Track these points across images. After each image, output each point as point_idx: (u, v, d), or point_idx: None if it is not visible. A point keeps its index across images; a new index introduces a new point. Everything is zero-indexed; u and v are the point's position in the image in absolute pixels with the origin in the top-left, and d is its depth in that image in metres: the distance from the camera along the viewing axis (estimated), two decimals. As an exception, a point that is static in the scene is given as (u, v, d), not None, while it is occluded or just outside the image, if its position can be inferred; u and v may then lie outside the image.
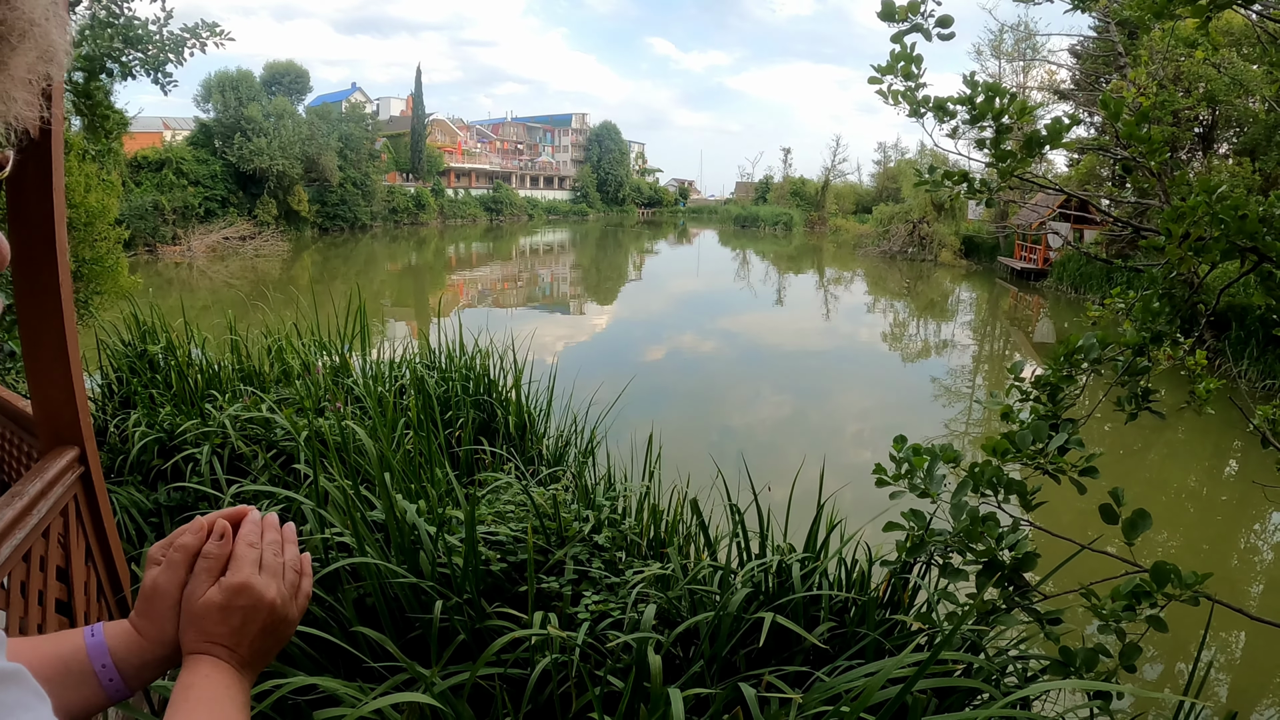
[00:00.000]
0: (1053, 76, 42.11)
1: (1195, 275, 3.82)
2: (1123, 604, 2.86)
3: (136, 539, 4.89)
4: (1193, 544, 9.97)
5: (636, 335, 24.22)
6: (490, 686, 3.07)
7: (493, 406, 6.94)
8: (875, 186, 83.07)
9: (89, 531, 3.51)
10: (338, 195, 60.36)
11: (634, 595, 3.49)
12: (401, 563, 3.53)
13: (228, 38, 13.00)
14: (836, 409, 16.40)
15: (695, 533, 4.66)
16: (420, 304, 29.97)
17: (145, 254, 42.41)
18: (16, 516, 2.75)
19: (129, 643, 1.02)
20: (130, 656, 1.01)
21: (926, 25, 3.31)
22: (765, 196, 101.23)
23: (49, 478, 3.08)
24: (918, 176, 3.90)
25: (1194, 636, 3.29)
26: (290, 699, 2.75)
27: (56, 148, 3.06)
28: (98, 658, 0.99)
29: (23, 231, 3.05)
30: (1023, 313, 31.83)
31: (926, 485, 3.36)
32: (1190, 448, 14.10)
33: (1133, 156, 3.75)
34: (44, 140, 3.00)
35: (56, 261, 3.11)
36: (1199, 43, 4.07)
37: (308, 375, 7.01)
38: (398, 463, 4.71)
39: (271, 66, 62.72)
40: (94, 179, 13.05)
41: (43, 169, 3.02)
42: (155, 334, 7.61)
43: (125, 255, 13.92)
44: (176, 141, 52.73)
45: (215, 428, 5.52)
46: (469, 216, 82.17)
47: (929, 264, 47.02)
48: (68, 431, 3.38)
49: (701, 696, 3.03)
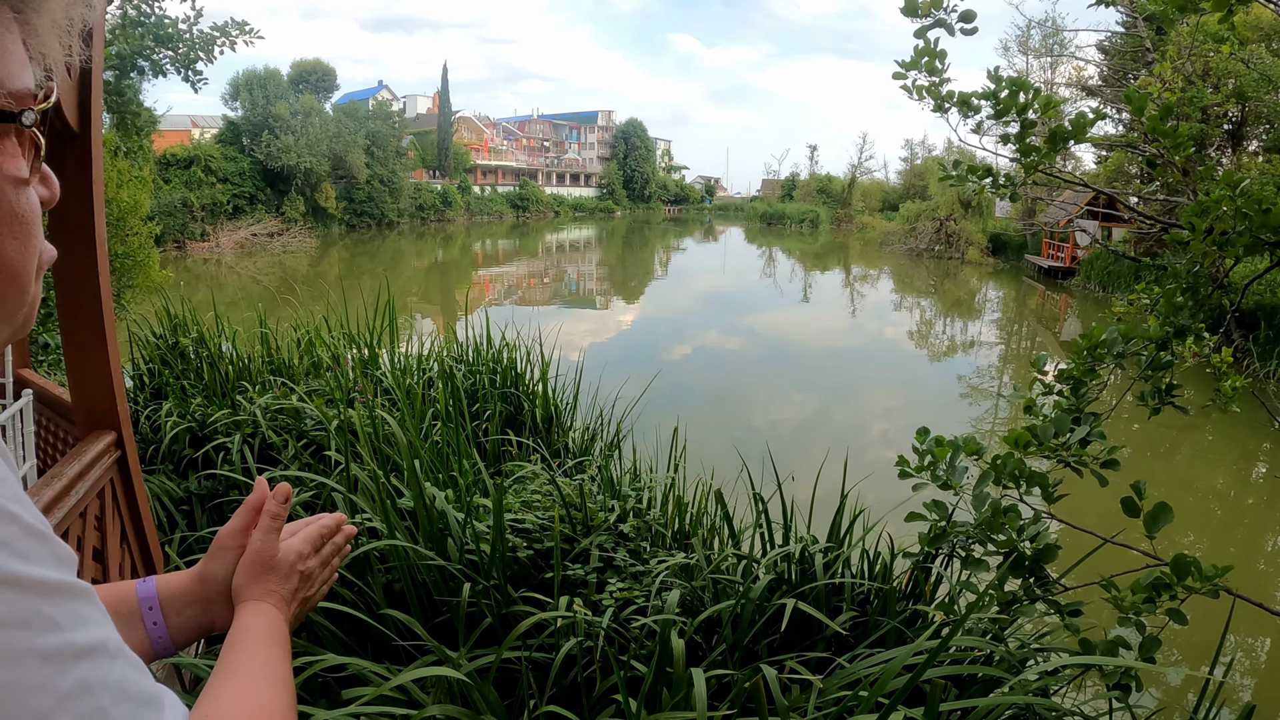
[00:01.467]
0: (1080, 73, 41.78)
1: (1220, 270, 3.82)
2: (1143, 596, 2.88)
3: (168, 525, 4.98)
4: (1219, 546, 9.90)
5: (662, 332, 24.25)
6: (516, 669, 3.12)
7: (519, 399, 7.00)
8: (902, 184, 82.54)
9: (124, 514, 3.58)
10: (365, 192, 60.74)
11: (658, 583, 3.53)
12: (430, 548, 3.58)
13: (257, 36, 13.12)
14: (861, 408, 16.37)
15: (719, 524, 4.69)
16: (447, 300, 30.13)
17: (174, 250, 42.80)
18: (55, 497, 2.81)
19: (176, 590, 1.11)
20: (175, 602, 1.10)
21: (949, 20, 3.34)
22: (791, 194, 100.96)
23: (87, 460, 3.15)
24: (943, 173, 3.91)
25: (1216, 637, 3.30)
26: (320, 677, 2.81)
27: (96, 141, 3.13)
28: (146, 600, 1.07)
29: (62, 223, 3.12)
30: (1050, 311, 31.62)
31: (948, 476, 3.38)
32: (1218, 449, 13.98)
33: (1158, 152, 3.76)
34: (83, 129, 3.07)
35: (95, 252, 3.18)
36: (1225, 38, 4.06)
37: (337, 367, 7.09)
38: (426, 452, 4.77)
39: (299, 65, 63.13)
40: (126, 175, 13.19)
41: (81, 162, 3.09)
42: (186, 327, 7.71)
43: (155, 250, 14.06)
44: (205, 139, 53.24)
45: (246, 418, 5.60)
46: (495, 213, 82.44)
47: (956, 262, 46.75)
48: (105, 417, 3.46)
49: (723, 681, 3.07)
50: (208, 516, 5.15)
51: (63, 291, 3.25)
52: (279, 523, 1.18)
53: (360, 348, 7.94)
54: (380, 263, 42.82)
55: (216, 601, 1.13)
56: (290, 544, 1.18)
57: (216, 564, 1.14)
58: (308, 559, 1.19)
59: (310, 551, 1.20)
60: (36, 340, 8.08)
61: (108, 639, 0.62)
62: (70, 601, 0.60)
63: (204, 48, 12.78)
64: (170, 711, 0.65)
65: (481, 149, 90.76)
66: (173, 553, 4.33)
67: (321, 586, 1.24)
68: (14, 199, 0.68)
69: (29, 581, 0.57)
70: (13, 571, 0.56)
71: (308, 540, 1.20)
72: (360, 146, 58.92)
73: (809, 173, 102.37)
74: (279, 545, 1.16)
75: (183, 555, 4.61)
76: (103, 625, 0.63)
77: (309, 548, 1.20)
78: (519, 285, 37.48)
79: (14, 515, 0.59)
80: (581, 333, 21.65)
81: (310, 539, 1.21)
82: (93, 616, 0.62)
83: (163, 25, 12.49)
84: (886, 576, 3.89)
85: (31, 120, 0.69)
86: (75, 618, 0.60)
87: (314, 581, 1.21)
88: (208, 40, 12.79)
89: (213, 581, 1.13)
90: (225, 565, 1.14)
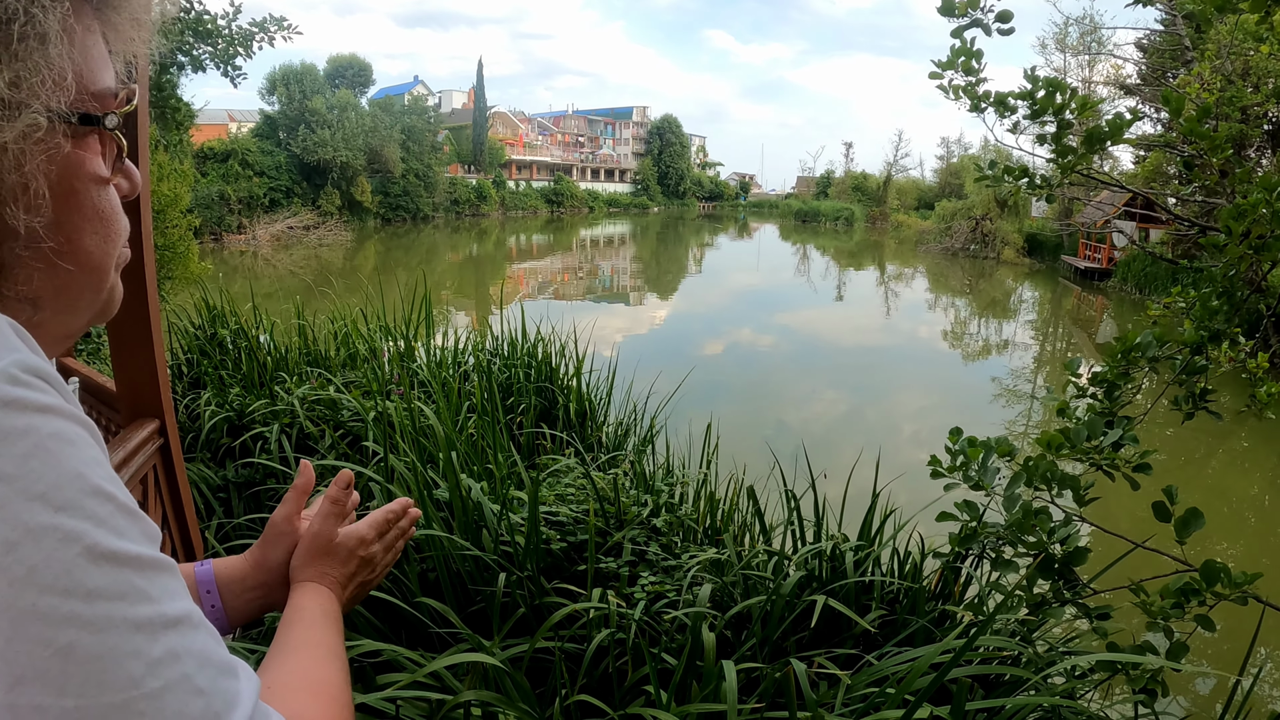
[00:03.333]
0: (1118, 71, 41.31)
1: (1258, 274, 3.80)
2: (1171, 602, 2.88)
3: (205, 513, 5.06)
4: (1251, 552, 9.79)
5: (695, 329, 24.25)
6: (548, 659, 3.16)
7: (554, 393, 7.05)
8: (938, 182, 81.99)
9: (166, 500, 3.65)
10: (400, 186, 61.09)
11: (689, 578, 3.57)
12: (465, 539, 3.63)
13: (295, 31, 13.23)
14: (894, 407, 16.31)
15: (750, 520, 4.72)
16: (481, 293, 30.24)
17: (211, 242, 43.24)
18: (102, 484, 2.88)
19: (234, 575, 1.17)
20: (234, 586, 1.16)
21: (986, 20, 3.34)
22: (826, 191, 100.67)
23: (131, 447, 3.22)
24: (979, 172, 3.91)
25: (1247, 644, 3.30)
26: (357, 661, 2.86)
27: (143, 131, 3.19)
28: (204, 583, 1.13)
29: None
30: (1086, 313, 31.33)
31: (980, 477, 3.39)
32: (1254, 456, 13.82)
33: (1196, 154, 3.74)
34: (129, 123, 3.14)
35: (141, 240, 3.24)
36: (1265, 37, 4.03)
37: (374, 360, 7.16)
38: (462, 444, 4.83)
39: (335, 60, 63.63)
40: (166, 168, 13.37)
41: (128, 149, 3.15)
42: (225, 318, 7.81)
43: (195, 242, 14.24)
44: (241, 133, 53.68)
45: (284, 408, 5.68)
46: (530, 208, 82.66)
47: (991, 262, 46.40)
48: (148, 405, 3.53)
49: (752, 676, 3.10)
50: (245, 505, 5.23)
51: (110, 282, 3.32)
52: (339, 507, 1.21)
53: (396, 340, 8.02)
54: (415, 256, 43.05)
55: (276, 586, 1.17)
56: (353, 529, 1.21)
57: (272, 549, 1.19)
58: (371, 544, 1.22)
59: (374, 536, 1.23)
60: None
61: (191, 611, 0.66)
62: (159, 575, 0.64)
63: (243, 43, 12.93)
64: (245, 679, 0.69)
65: (516, 144, 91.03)
66: (211, 538, 4.41)
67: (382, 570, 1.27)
68: (96, 197, 0.73)
69: (125, 556, 0.61)
70: (111, 547, 0.61)
71: (372, 525, 1.24)
72: (395, 141, 59.27)
73: (844, 170, 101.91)
74: (338, 530, 1.20)
75: (221, 542, 4.69)
76: (186, 598, 0.67)
77: (373, 533, 1.23)
78: (553, 280, 37.58)
79: (110, 494, 0.63)
80: (615, 328, 21.70)
81: (375, 524, 1.24)
82: (179, 590, 0.66)
83: (202, 21, 12.65)
84: (916, 576, 3.91)
85: (115, 124, 0.73)
86: (165, 590, 0.64)
87: (375, 566, 1.24)
88: (246, 36, 12.93)
89: (270, 567, 1.18)
90: (280, 550, 1.18)
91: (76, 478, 0.61)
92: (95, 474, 0.63)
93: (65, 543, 0.58)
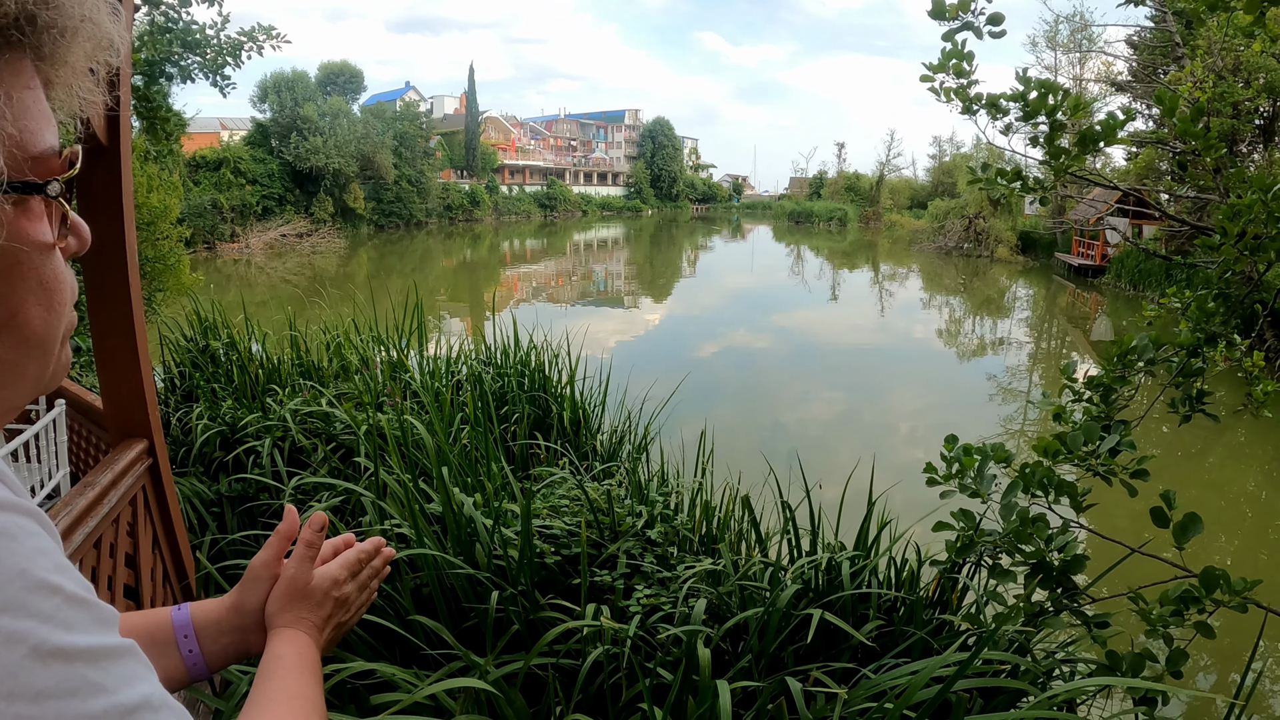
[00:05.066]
0: (1109, 68, 41.38)
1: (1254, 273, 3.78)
2: (1170, 609, 2.86)
3: (198, 528, 5.03)
4: (1250, 550, 9.78)
5: (690, 331, 24.25)
6: (543, 675, 3.13)
7: (547, 402, 7.02)
8: (930, 181, 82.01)
9: (156, 520, 3.62)
10: (393, 193, 61.02)
11: (685, 590, 3.54)
12: (458, 554, 3.60)
13: (284, 40, 13.19)
14: (890, 407, 16.30)
15: (747, 530, 4.69)
16: (475, 300, 30.25)
17: (204, 251, 43.21)
18: (89, 505, 2.85)
19: (211, 618, 1.14)
20: (210, 630, 1.13)
21: (977, 23, 3.32)
22: (819, 192, 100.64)
23: (119, 469, 3.19)
24: (971, 173, 3.88)
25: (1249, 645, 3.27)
26: (349, 683, 2.83)
27: (125, 150, 3.17)
28: (182, 628, 1.10)
29: (93, 234, 3.15)
30: (1080, 310, 31.36)
31: (977, 485, 3.36)
32: (1250, 451, 13.82)
33: (1189, 152, 3.72)
34: (112, 143, 3.11)
35: (126, 261, 3.22)
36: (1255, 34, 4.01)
37: (366, 370, 7.14)
38: (455, 457, 4.80)
39: (326, 67, 63.58)
40: (156, 180, 13.33)
41: (111, 171, 3.13)
42: (217, 330, 7.78)
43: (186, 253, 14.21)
44: (234, 141, 53.68)
45: (276, 421, 5.65)
46: (523, 213, 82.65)
47: (985, 260, 46.47)
48: (136, 425, 3.50)
49: (749, 690, 3.07)
50: (238, 519, 5.20)
51: (94, 303, 3.29)
52: (313, 550, 1.19)
53: (389, 350, 7.99)
54: (409, 262, 43.02)
55: (252, 630, 1.14)
56: (325, 570, 1.19)
57: (250, 593, 1.16)
58: (344, 585, 1.20)
59: (346, 577, 1.21)
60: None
61: (151, 694, 0.64)
62: (114, 663, 0.62)
63: (231, 53, 12.88)
64: None
65: (509, 149, 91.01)
66: (203, 557, 4.37)
67: (358, 611, 1.25)
68: (40, 266, 0.67)
69: (74, 651, 0.59)
70: (58, 644, 0.58)
71: (344, 566, 1.22)
72: (388, 147, 59.21)
73: (837, 170, 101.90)
74: (313, 573, 1.18)
75: (213, 559, 4.65)
76: (147, 680, 0.64)
77: (345, 573, 1.21)
78: (547, 284, 37.56)
79: (56, 587, 0.60)
80: (609, 332, 21.69)
81: (347, 564, 1.22)
82: (137, 673, 0.64)
83: (190, 31, 12.59)
84: (913, 585, 3.88)
85: (57, 191, 0.69)
86: (120, 678, 0.61)
87: (350, 606, 1.22)
88: (235, 46, 12.88)
89: (247, 611, 1.15)
90: (258, 594, 1.16)
91: (19, 575, 0.58)
92: (39, 567, 0.60)
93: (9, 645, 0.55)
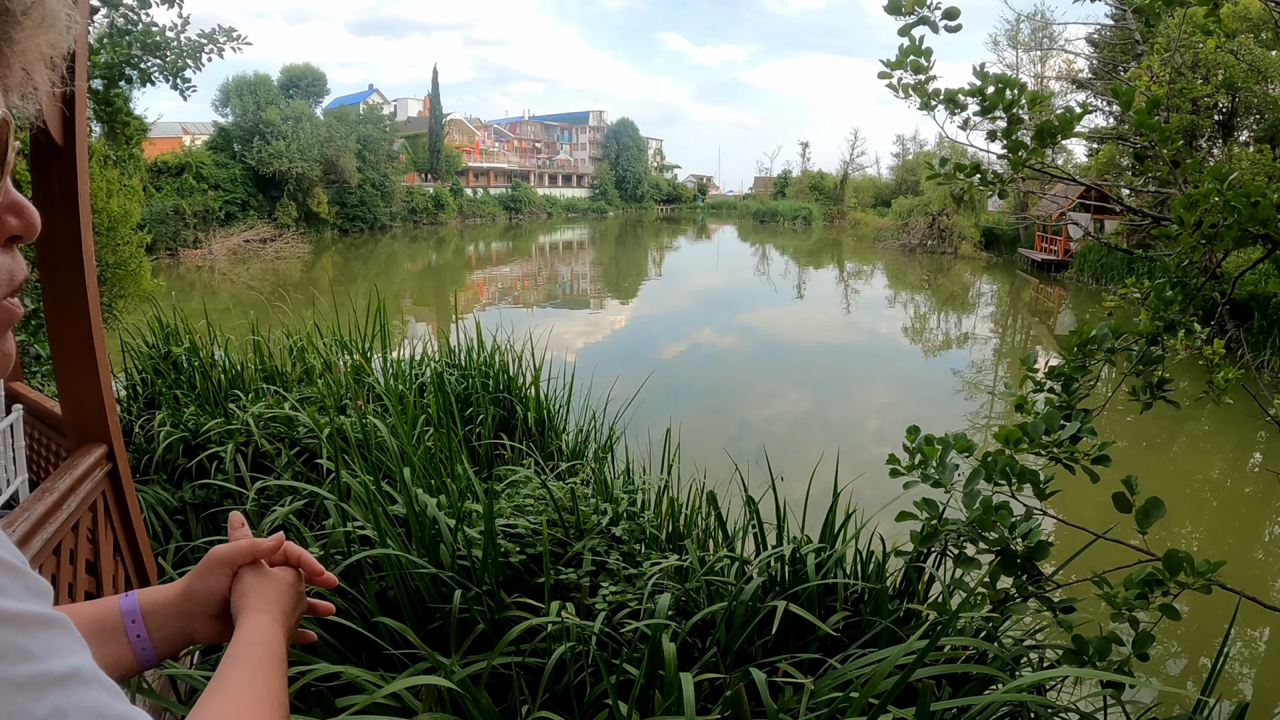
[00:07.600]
0: (1070, 66, 41.79)
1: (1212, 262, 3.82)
2: (1135, 592, 2.88)
3: (162, 536, 4.97)
4: (1216, 536, 9.91)
5: (656, 331, 24.26)
6: (509, 675, 3.11)
7: (512, 403, 7.00)
8: (894, 179, 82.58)
9: (117, 527, 3.57)
10: (357, 196, 60.62)
11: (651, 586, 3.53)
12: (422, 555, 3.58)
13: (244, 42, 13.07)
14: (856, 404, 16.38)
15: (713, 526, 4.69)
16: (440, 303, 30.09)
17: (167, 258, 42.73)
18: (47, 511, 2.81)
19: (159, 603, 1.12)
20: (157, 615, 1.10)
21: (933, 18, 3.33)
22: (784, 191, 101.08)
23: (78, 474, 3.14)
24: (931, 169, 3.90)
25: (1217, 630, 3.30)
26: (314, 686, 2.80)
27: (81, 151, 3.12)
28: (129, 613, 1.08)
29: (49, 238, 3.11)
30: (1044, 304, 31.69)
31: (939, 475, 3.38)
32: (1213, 439, 14.00)
33: (1147, 145, 3.76)
34: (67, 143, 3.07)
35: (83, 266, 3.17)
36: (1211, 30, 4.06)
37: (329, 374, 7.09)
38: (418, 458, 4.77)
39: (289, 70, 63.07)
40: (115, 185, 13.16)
41: (67, 177, 3.09)
42: (179, 336, 7.70)
43: (148, 259, 14.05)
44: (196, 146, 53.12)
45: (239, 426, 5.60)
46: (488, 215, 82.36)
47: (949, 256, 46.86)
48: (95, 430, 3.45)
49: (716, 683, 3.07)
50: (202, 526, 5.15)
51: (51, 307, 3.24)
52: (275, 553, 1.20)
53: (352, 354, 7.93)
54: (374, 266, 42.81)
55: (198, 618, 1.12)
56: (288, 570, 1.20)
57: (202, 583, 1.13)
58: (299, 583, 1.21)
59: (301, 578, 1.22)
60: (29, 351, 8.07)
61: (82, 666, 0.63)
62: (44, 632, 0.61)
63: (191, 55, 12.73)
64: None
65: (473, 151, 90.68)
66: (167, 565, 4.32)
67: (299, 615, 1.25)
68: None
69: (3, 615, 0.58)
70: None
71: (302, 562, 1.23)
72: (352, 151, 58.82)
73: (801, 170, 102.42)
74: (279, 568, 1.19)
75: (177, 566, 4.61)
76: (78, 653, 0.63)
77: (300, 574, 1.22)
78: (513, 286, 37.47)
79: None
80: (575, 333, 21.65)
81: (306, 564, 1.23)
82: (67, 645, 0.63)
83: (150, 34, 12.44)
84: (879, 575, 3.89)
85: None
86: (50, 647, 0.60)
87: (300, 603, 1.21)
88: (195, 48, 12.73)
89: (196, 599, 1.13)
90: (210, 586, 1.13)
91: None
92: None
93: None
